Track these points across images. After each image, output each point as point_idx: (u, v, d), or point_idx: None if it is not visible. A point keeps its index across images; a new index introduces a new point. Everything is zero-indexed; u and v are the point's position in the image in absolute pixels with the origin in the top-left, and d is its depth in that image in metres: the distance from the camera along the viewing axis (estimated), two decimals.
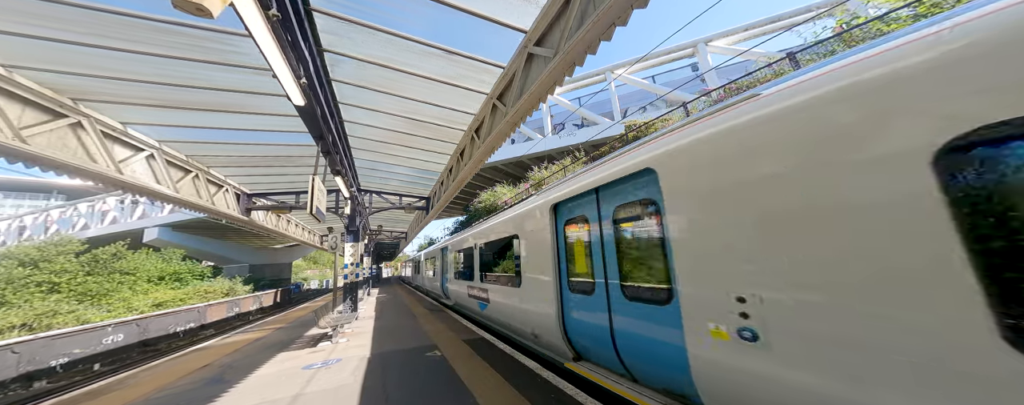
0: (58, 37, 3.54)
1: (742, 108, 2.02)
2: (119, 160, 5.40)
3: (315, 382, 4.16)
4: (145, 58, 3.92)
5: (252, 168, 8.02)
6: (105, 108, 5.02)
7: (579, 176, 3.77)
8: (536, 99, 3.54)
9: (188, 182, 6.99)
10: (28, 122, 4.21)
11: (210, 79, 4.42)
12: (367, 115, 5.80)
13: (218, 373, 4.92)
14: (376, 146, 7.18)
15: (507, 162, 20.66)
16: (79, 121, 4.76)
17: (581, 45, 2.72)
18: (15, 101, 4.12)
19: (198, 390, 4.19)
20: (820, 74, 1.73)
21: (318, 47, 3.92)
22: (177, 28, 3.50)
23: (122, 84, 4.42)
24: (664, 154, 2.46)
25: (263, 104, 5.11)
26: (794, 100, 1.77)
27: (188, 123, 5.63)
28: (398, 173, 9.18)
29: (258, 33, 2.51)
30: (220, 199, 8.21)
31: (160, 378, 4.93)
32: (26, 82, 4.15)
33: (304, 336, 7.32)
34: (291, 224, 14.58)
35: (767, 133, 1.84)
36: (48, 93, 4.39)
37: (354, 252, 9.39)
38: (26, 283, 19.74)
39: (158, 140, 6.12)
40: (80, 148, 4.84)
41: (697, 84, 15.85)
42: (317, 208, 5.59)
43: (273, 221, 12.18)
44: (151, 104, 4.97)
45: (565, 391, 3.41)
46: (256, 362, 5.37)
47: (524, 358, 4.54)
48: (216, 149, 6.84)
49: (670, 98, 15.89)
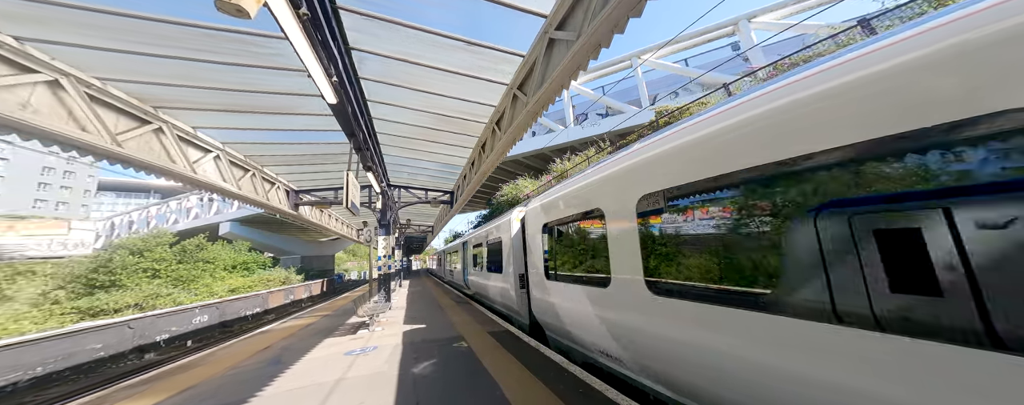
0: (139, 50, 3.93)
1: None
2: (193, 161, 6.03)
3: (355, 368, 4.41)
4: (207, 65, 4.27)
5: (298, 166, 8.60)
6: (179, 114, 5.59)
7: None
8: (558, 86, 3.42)
9: (247, 180, 7.68)
10: (122, 128, 4.81)
11: (259, 83, 4.74)
12: (393, 111, 5.95)
13: (277, 355, 5.37)
14: (402, 142, 7.37)
15: (528, 155, 20.49)
16: (160, 127, 5.34)
17: (607, 24, 2.56)
18: (111, 110, 4.71)
19: (261, 370, 4.60)
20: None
21: (346, 46, 4.04)
22: (228, 35, 3.74)
23: (191, 91, 4.89)
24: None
25: (304, 105, 5.40)
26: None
27: (245, 125, 6.14)
28: (424, 168, 9.40)
29: (291, 32, 2.61)
30: (273, 195, 8.93)
31: (234, 357, 5.45)
32: (118, 93, 4.72)
33: (346, 324, 7.78)
34: (332, 218, 15.50)
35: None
36: (134, 102, 4.96)
37: (386, 245, 9.81)
38: (136, 269, 23.28)
39: (222, 142, 6.73)
40: (162, 151, 5.44)
41: (737, 65, 14.64)
42: (352, 202, 5.87)
43: (317, 215, 13.02)
44: (215, 109, 5.46)
45: (593, 385, 3.34)
46: (307, 346, 5.79)
47: (550, 352, 4.51)
48: (268, 149, 7.43)
49: (706, 81, 14.82)
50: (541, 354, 4.46)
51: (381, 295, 9.42)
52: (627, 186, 2.90)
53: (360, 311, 7.04)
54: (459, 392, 3.43)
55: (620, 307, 2.99)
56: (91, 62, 4.14)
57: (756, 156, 1.83)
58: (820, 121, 1.58)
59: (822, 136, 1.56)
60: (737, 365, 1.90)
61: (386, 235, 9.88)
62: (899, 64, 1.36)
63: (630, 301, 2.82)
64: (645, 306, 2.63)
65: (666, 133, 2.60)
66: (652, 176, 2.60)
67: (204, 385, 4.14)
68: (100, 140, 4.47)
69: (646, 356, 2.73)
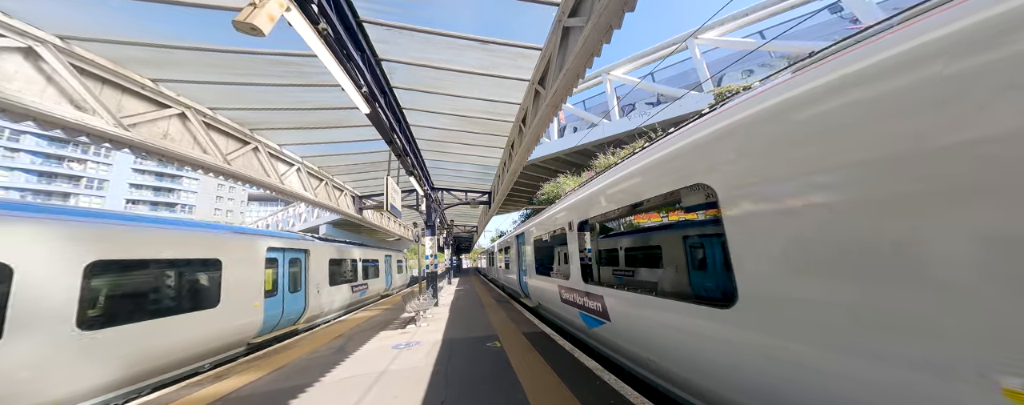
0: (237, 81, 4.70)
1: None
2: (281, 174, 7.16)
3: (398, 361, 4.71)
4: (284, 89, 4.93)
5: (358, 174, 9.63)
6: (268, 134, 6.65)
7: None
8: (574, 75, 3.22)
9: (322, 188, 8.92)
10: (230, 149, 5.90)
11: (320, 100, 5.34)
12: (427, 117, 6.24)
13: (343, 343, 5.99)
14: (438, 146, 7.70)
15: (569, 151, 19.88)
16: (256, 146, 6.44)
17: (615, 3, 2.32)
18: (222, 134, 5.80)
19: (328, 356, 5.16)
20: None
21: (375, 57, 4.33)
22: (296, 59, 4.21)
23: (275, 113, 5.75)
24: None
25: (355, 117, 5.91)
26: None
27: (316, 140, 7.07)
28: (462, 171, 9.72)
29: (315, 47, 2.85)
30: (342, 201, 10.16)
31: (314, 342, 6.20)
32: (224, 120, 5.77)
33: (400, 318, 8.42)
34: (392, 221, 16.98)
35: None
36: (236, 126, 6.02)
37: (432, 245, 10.37)
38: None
39: (301, 156, 7.85)
40: (259, 166, 6.56)
41: (832, 29, 11.94)
42: (392, 205, 6.29)
43: (379, 219, 14.43)
44: (293, 127, 6.36)
45: (624, 395, 3.07)
46: (366, 337, 6.37)
47: (584, 357, 4.28)
48: (335, 160, 8.45)
49: (795, 52, 12.43)
50: (573, 358, 4.26)
51: (428, 293, 10.00)
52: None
53: (408, 307, 7.54)
54: (483, 393, 3.44)
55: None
56: (205, 95, 5.08)
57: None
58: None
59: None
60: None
61: (432, 235, 10.44)
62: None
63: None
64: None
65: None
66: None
67: (290, 366, 4.75)
68: (216, 160, 5.50)
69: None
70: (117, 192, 50.44)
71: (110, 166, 50.48)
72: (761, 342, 1.90)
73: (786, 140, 1.80)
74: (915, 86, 1.37)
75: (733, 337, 2.07)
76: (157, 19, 3.51)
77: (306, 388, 3.86)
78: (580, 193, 4.94)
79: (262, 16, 1.87)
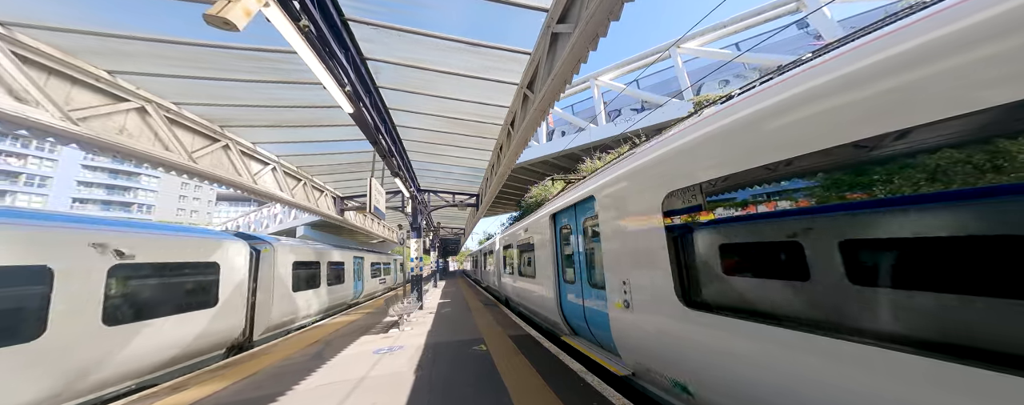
0: (206, 75, 4.46)
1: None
2: (254, 173, 6.82)
3: (379, 366, 4.58)
4: (259, 85, 4.73)
5: (340, 175, 9.32)
6: (241, 131, 6.32)
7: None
8: (561, 81, 3.25)
9: (300, 189, 8.54)
10: (196, 147, 5.57)
11: (300, 98, 5.15)
12: (414, 118, 6.16)
13: (320, 349, 5.76)
14: (426, 147, 7.61)
15: (558, 155, 20.08)
16: (227, 144, 6.11)
17: (601, 12, 2.37)
18: (187, 131, 5.47)
19: (304, 362, 4.97)
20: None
21: (360, 56, 4.24)
22: (274, 55, 4.05)
23: (249, 110, 5.47)
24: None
25: (339, 116, 5.69)
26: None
27: (294, 139, 6.77)
28: (450, 172, 9.63)
29: (295, 44, 2.77)
30: (322, 202, 9.80)
31: (290, 347, 5.97)
32: (191, 115, 5.45)
33: (382, 322, 8.20)
34: (376, 223, 16.59)
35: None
36: (205, 122, 5.70)
37: (417, 247, 10.19)
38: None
39: (277, 155, 7.52)
40: (230, 165, 6.22)
41: (798, 45, 12.90)
42: (375, 207, 6.15)
43: (361, 220, 14.03)
44: (269, 125, 6.07)
45: (607, 397, 3.10)
46: (345, 343, 6.15)
47: (569, 359, 4.30)
48: (315, 160, 8.13)
49: (766, 64, 13.25)
50: (559, 362, 4.27)
51: (413, 296, 9.81)
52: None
53: (391, 311, 7.35)
54: (469, 397, 3.39)
55: None
56: (168, 89, 4.79)
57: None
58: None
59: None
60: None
61: (417, 238, 10.27)
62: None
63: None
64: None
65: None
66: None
67: (261, 373, 4.54)
68: (180, 158, 5.20)
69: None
70: (62, 190, 46.58)
71: (55, 162, 46.69)
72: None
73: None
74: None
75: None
76: (113, 9, 3.30)
77: (277, 397, 3.69)
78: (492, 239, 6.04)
79: (237, 11, 1.79)
